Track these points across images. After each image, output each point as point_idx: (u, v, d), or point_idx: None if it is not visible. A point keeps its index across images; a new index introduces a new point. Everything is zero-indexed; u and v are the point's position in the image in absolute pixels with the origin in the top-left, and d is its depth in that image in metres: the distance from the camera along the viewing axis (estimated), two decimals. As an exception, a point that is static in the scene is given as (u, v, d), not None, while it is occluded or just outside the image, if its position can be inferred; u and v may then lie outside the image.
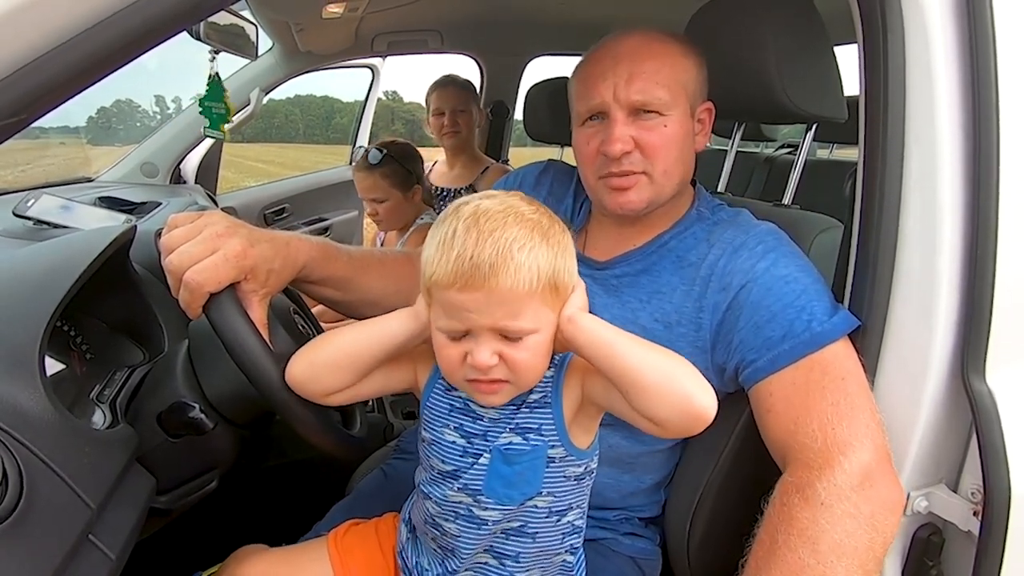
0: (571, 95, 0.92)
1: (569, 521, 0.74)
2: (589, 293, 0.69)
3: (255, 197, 2.58)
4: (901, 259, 0.78)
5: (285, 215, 2.62)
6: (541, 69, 2.77)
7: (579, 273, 0.67)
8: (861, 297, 0.81)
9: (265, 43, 2.04)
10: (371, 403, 1.79)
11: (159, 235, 0.73)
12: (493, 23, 2.33)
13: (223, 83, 1.41)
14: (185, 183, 2.17)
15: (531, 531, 0.72)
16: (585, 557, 0.81)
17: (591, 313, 0.66)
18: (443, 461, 0.72)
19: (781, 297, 0.79)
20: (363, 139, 3.01)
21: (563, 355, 0.71)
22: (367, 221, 2.26)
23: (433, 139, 2.37)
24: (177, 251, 0.69)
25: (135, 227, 0.90)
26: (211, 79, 1.39)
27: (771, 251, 0.83)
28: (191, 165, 2.19)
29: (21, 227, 1.32)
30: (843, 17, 0.81)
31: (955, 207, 0.74)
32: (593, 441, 0.73)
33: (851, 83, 0.91)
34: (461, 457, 0.71)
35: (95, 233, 0.87)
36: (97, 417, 0.73)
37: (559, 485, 0.71)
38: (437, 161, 2.46)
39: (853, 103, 0.87)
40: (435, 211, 2.21)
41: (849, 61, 0.91)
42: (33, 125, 0.57)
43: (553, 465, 0.70)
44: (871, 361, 0.79)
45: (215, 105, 1.41)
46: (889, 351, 0.79)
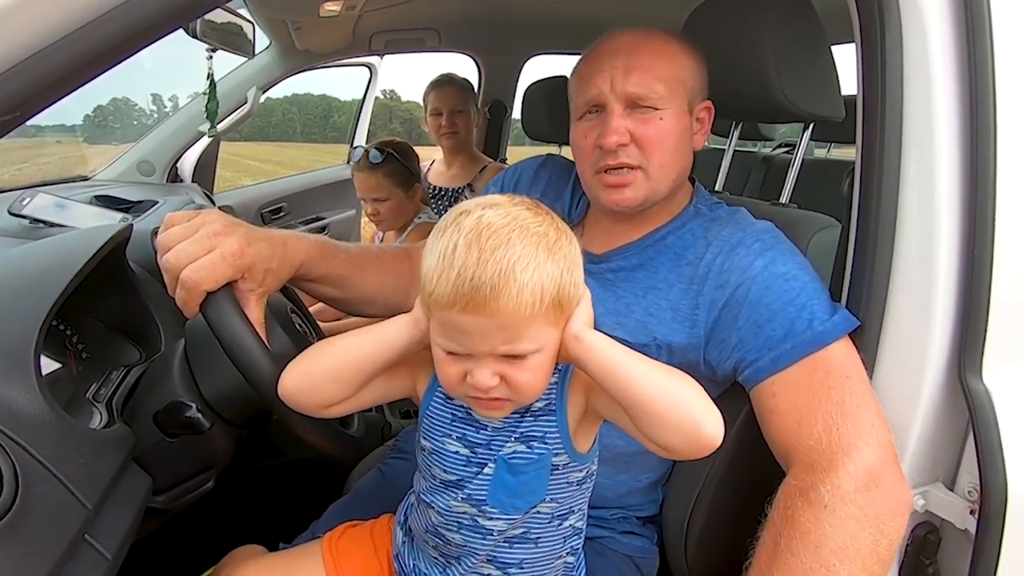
0: (571, 92, 0.92)
1: (570, 524, 0.73)
2: None
3: (252, 196, 2.57)
4: (898, 258, 0.78)
5: (282, 214, 2.61)
6: (539, 68, 2.78)
7: None
8: (858, 296, 0.81)
9: (262, 41, 2.03)
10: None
11: (156, 234, 0.73)
12: (491, 22, 2.33)
13: (215, 82, 1.41)
14: (182, 182, 2.16)
15: (534, 537, 0.71)
16: (584, 557, 0.81)
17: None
18: (445, 471, 0.70)
19: (781, 295, 0.79)
20: (361, 138, 3.00)
21: (567, 364, 0.68)
22: (365, 220, 2.25)
23: (431, 138, 2.36)
24: (174, 250, 0.69)
25: (131, 226, 0.89)
26: (210, 78, 1.40)
27: (769, 249, 0.83)
28: (188, 164, 2.18)
29: (17, 226, 1.32)
30: (841, 16, 0.81)
31: (952, 206, 0.75)
32: (593, 445, 0.72)
33: (849, 82, 0.91)
34: (465, 467, 0.69)
35: (91, 232, 0.87)
36: (93, 417, 0.73)
37: (562, 491, 0.70)
38: (435, 160, 2.45)
39: (851, 102, 0.87)
40: (433, 210, 2.21)
41: (847, 60, 0.91)
42: (29, 123, 0.57)
43: (557, 472, 0.68)
44: (868, 359, 0.79)
45: (212, 104, 1.41)
46: (886, 350, 0.79)
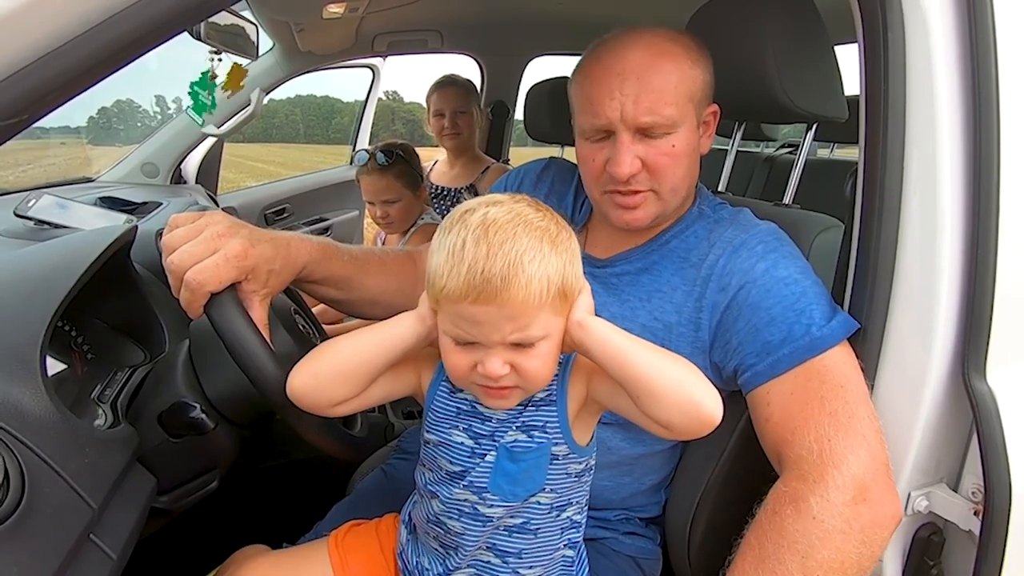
0: (573, 102, 0.89)
1: (568, 516, 0.75)
2: None
3: (256, 197, 2.58)
4: (902, 257, 0.78)
5: (286, 215, 2.62)
6: (541, 69, 2.78)
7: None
8: (861, 296, 0.81)
9: (265, 43, 2.04)
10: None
11: (160, 235, 0.73)
12: (493, 23, 2.33)
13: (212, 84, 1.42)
14: (186, 183, 2.17)
15: (533, 527, 0.73)
16: (587, 555, 0.81)
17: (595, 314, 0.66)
18: (451, 462, 0.72)
19: (780, 299, 0.79)
20: (364, 139, 3.01)
21: (567, 354, 0.71)
22: (368, 221, 2.25)
23: (434, 139, 2.36)
24: (178, 251, 0.69)
25: (136, 227, 0.90)
26: (207, 72, 1.41)
27: (772, 251, 0.82)
28: (192, 165, 2.19)
29: (22, 227, 1.32)
30: (843, 16, 0.81)
31: (955, 205, 0.74)
32: (592, 439, 0.74)
33: (851, 82, 0.91)
34: (469, 458, 0.71)
35: (96, 233, 0.87)
36: (98, 417, 0.73)
37: (561, 482, 0.72)
38: (438, 160, 2.45)
39: (853, 102, 0.87)
40: (435, 210, 2.21)
41: (849, 60, 0.91)
42: (34, 125, 0.57)
43: (556, 462, 0.71)
44: (872, 360, 0.79)
45: (203, 93, 1.42)
46: (890, 350, 0.79)
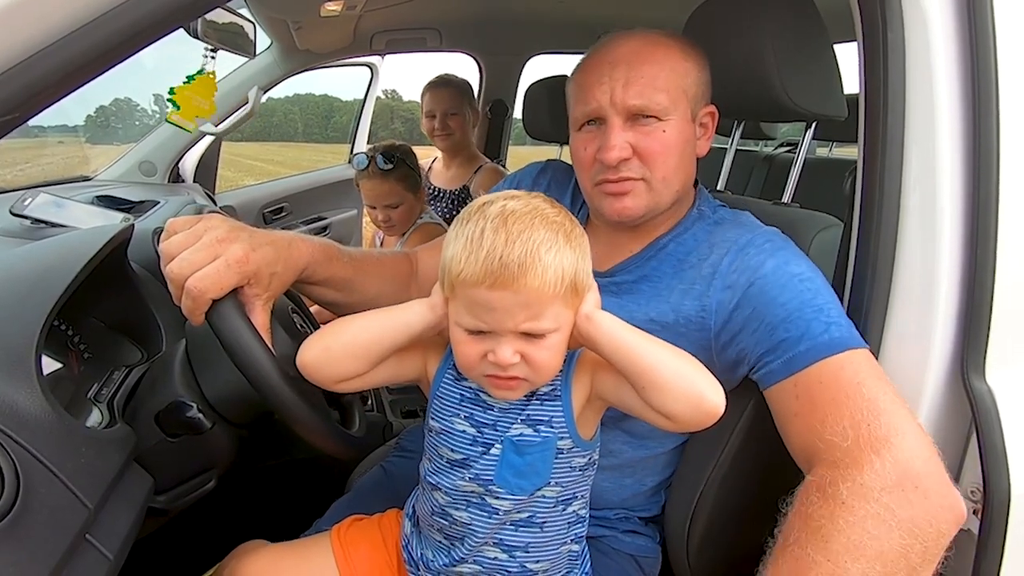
0: (568, 99, 0.90)
1: (574, 511, 0.76)
2: None
3: (254, 196, 2.58)
4: (901, 257, 0.78)
5: (284, 214, 2.62)
6: (540, 68, 2.78)
7: None
8: (861, 294, 0.81)
9: (263, 41, 2.03)
10: (370, 402, 1.79)
11: (157, 234, 0.73)
12: (492, 21, 2.33)
13: (215, 82, 1.41)
14: (183, 182, 2.16)
15: (539, 521, 0.74)
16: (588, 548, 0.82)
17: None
18: (452, 450, 0.73)
19: (797, 295, 0.76)
20: (362, 138, 3.01)
21: (571, 351, 0.72)
22: (365, 221, 2.25)
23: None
24: (178, 259, 0.68)
25: (133, 226, 0.89)
26: (198, 72, 1.39)
27: (780, 249, 0.81)
28: (189, 164, 2.19)
29: (18, 226, 1.32)
30: (843, 15, 0.81)
31: (955, 204, 0.74)
32: (595, 433, 0.75)
33: (851, 81, 0.90)
34: (471, 446, 0.72)
35: (93, 232, 0.87)
36: (95, 417, 0.73)
37: (566, 475, 0.73)
38: (435, 158, 2.44)
39: (853, 101, 0.87)
40: (433, 210, 2.20)
41: (849, 59, 0.91)
42: (31, 123, 0.57)
43: (561, 456, 0.72)
44: (871, 359, 0.79)
45: (196, 98, 1.41)
46: (889, 349, 0.79)
